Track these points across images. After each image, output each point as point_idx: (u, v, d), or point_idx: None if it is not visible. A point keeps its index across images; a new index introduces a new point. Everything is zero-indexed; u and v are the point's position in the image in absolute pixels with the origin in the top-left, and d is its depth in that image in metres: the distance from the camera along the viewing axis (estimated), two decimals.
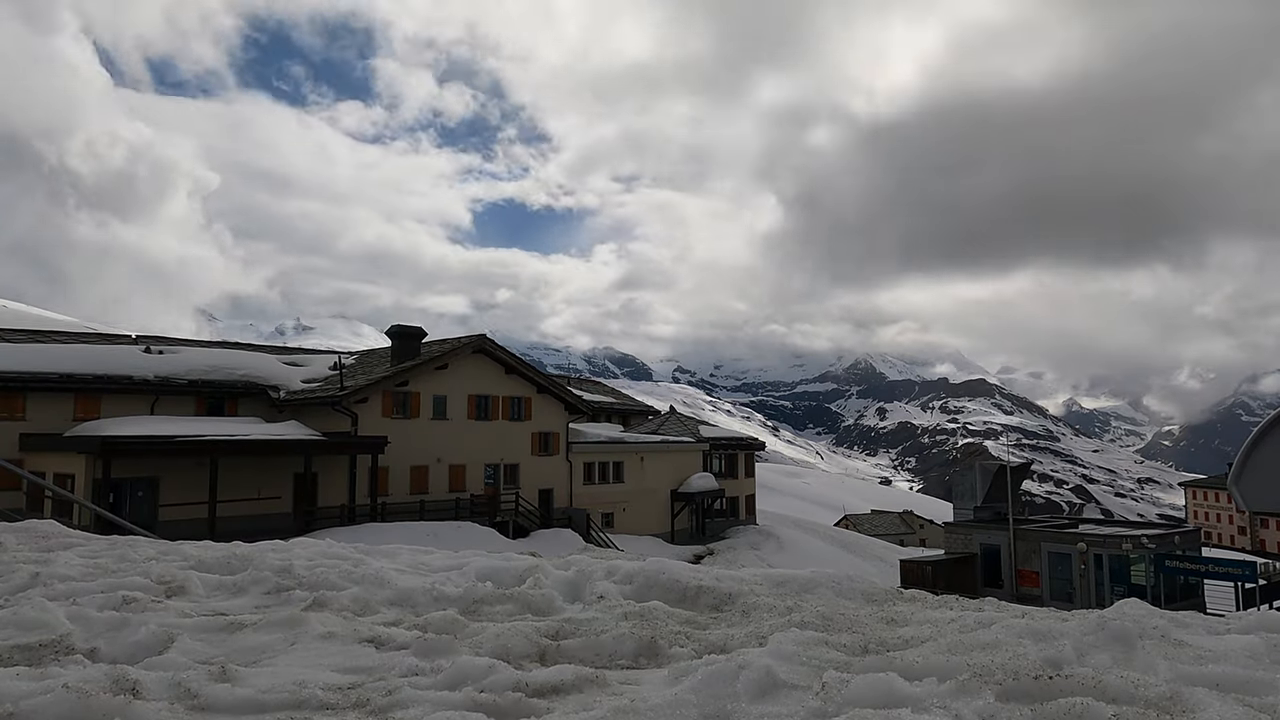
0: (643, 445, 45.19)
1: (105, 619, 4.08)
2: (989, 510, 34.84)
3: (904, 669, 3.09)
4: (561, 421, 40.98)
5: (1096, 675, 2.79)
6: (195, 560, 6.21)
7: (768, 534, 47.63)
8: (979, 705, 2.67)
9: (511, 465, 38.39)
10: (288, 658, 3.70)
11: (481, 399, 37.69)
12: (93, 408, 29.90)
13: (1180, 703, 2.62)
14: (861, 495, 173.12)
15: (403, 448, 33.68)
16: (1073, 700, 2.58)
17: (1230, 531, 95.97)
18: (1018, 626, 3.60)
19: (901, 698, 2.76)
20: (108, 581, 5.15)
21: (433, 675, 3.33)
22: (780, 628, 4.03)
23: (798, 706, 2.75)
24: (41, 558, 6.07)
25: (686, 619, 4.50)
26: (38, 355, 30.16)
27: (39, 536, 7.34)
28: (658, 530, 43.87)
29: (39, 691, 2.80)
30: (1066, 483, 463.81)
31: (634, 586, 5.30)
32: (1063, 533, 32.70)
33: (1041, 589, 31.26)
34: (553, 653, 3.80)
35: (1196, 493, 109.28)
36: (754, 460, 54.20)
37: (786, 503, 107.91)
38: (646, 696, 2.94)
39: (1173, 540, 31.21)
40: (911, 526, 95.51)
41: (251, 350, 40.80)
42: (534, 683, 3.17)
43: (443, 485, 35.50)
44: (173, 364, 32.77)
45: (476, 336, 39.02)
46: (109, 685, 2.92)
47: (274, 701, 2.98)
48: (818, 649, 3.51)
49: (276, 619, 4.20)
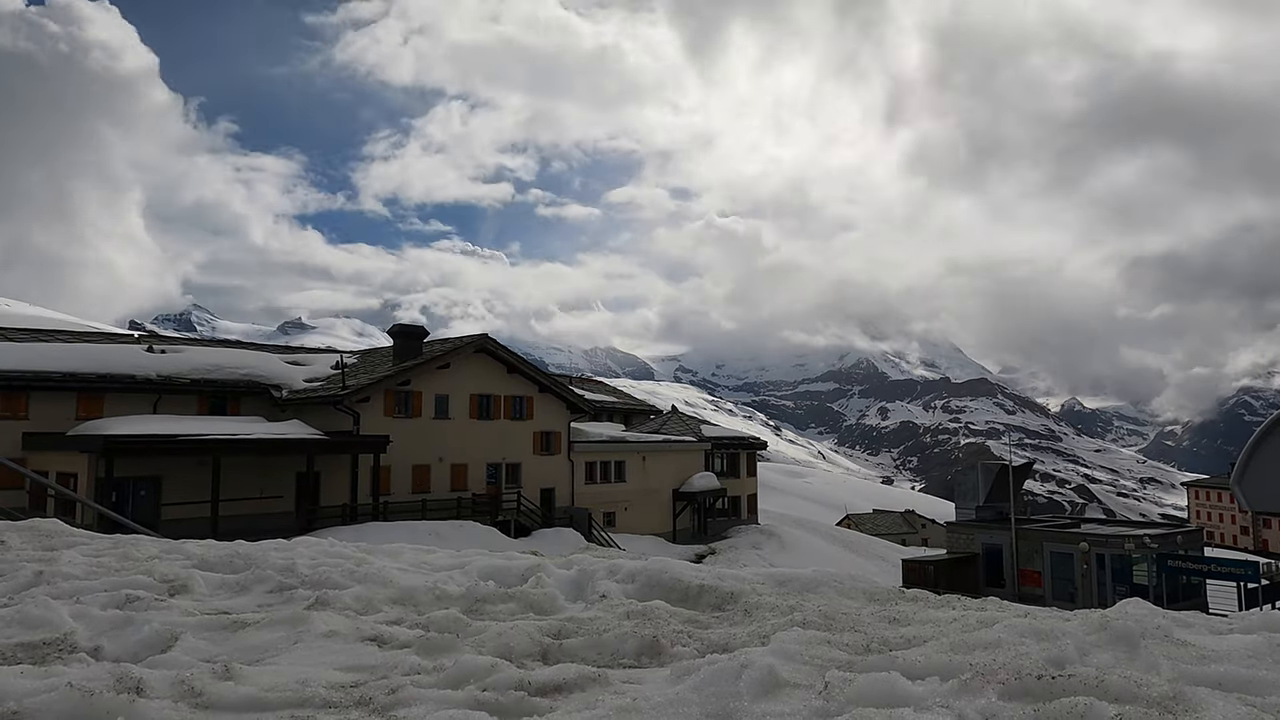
0: (644, 445, 45.18)
1: (109, 617, 4.09)
2: (991, 510, 34.82)
3: (906, 668, 3.09)
4: (563, 421, 40.98)
5: (1099, 675, 2.79)
6: (198, 559, 6.23)
7: (769, 533, 47.63)
8: (981, 704, 2.67)
9: (513, 464, 38.40)
10: (291, 656, 3.70)
11: (483, 398, 37.70)
12: (95, 407, 29.92)
13: (1183, 702, 2.62)
14: (863, 495, 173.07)
15: (405, 447, 33.69)
16: (1075, 700, 2.58)
17: (1233, 531, 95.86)
18: (1020, 626, 3.60)
19: (904, 697, 2.76)
20: (111, 580, 5.16)
21: (435, 674, 3.34)
22: (783, 627, 4.04)
23: (800, 705, 2.75)
24: (45, 556, 6.09)
25: (689, 618, 4.51)
26: (40, 354, 30.22)
27: (42, 535, 7.36)
28: (659, 530, 43.86)
29: (43, 690, 2.81)
30: (1069, 482, 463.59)
31: (636, 586, 5.30)
32: (1065, 532, 32.67)
33: (1044, 589, 31.24)
34: (555, 652, 3.81)
35: (1199, 493, 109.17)
36: (756, 460, 54.21)
37: (788, 502, 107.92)
38: (649, 695, 2.95)
39: (1175, 540, 31.18)
40: (913, 526, 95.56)
41: (254, 349, 40.88)
42: (536, 681, 3.17)
43: (445, 484, 35.51)
44: (175, 363, 32.82)
45: (478, 336, 39.05)
46: (113, 683, 2.93)
47: (277, 700, 2.99)
48: (820, 648, 3.51)
49: (279, 618, 4.21)
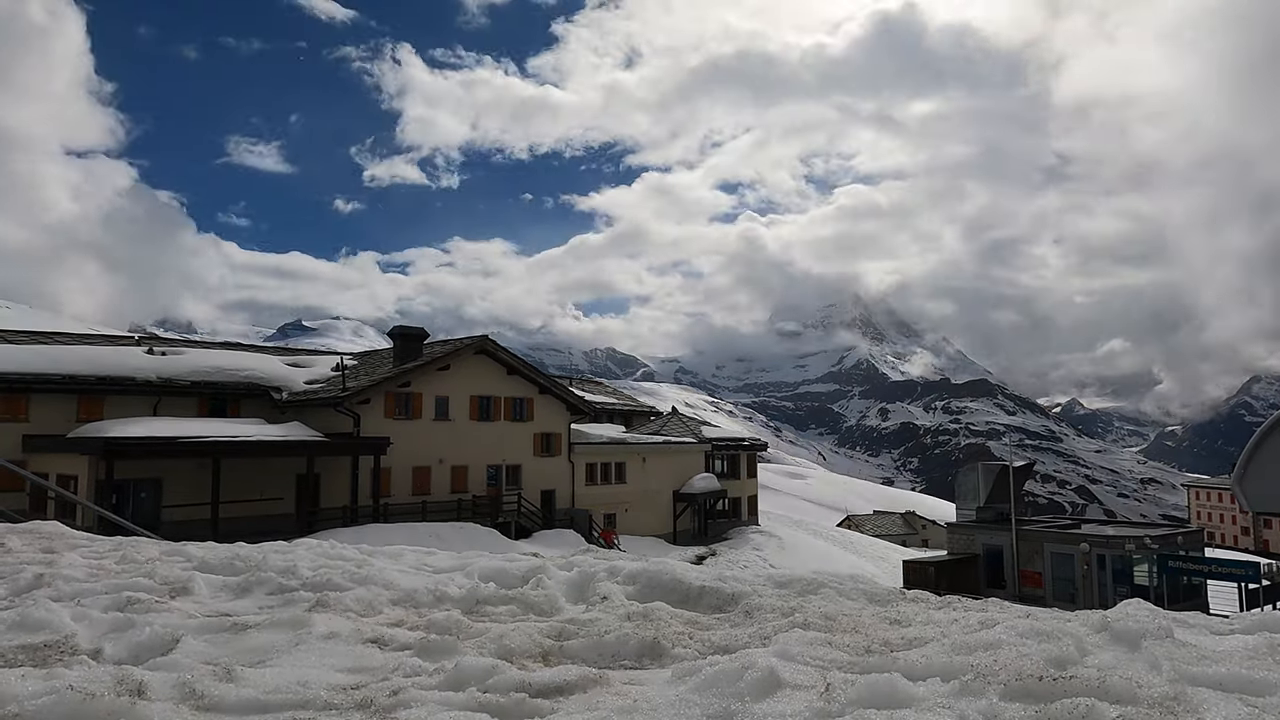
0: (645, 446, 45.17)
1: (110, 620, 4.09)
2: (991, 511, 34.79)
3: (907, 669, 3.09)
4: (563, 422, 40.98)
5: (1100, 675, 2.79)
6: (199, 561, 6.23)
7: (770, 535, 47.62)
8: (983, 705, 2.68)
9: (514, 466, 38.39)
10: (292, 658, 3.70)
11: (484, 400, 37.69)
12: (96, 409, 29.92)
13: (1184, 703, 2.62)
14: (864, 496, 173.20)
15: (405, 449, 33.69)
16: (1076, 700, 2.58)
17: (1234, 532, 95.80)
18: (1021, 627, 3.60)
19: (905, 698, 2.77)
20: (112, 583, 5.17)
21: (436, 676, 3.34)
22: (783, 628, 4.04)
23: (802, 706, 2.75)
24: (45, 559, 6.10)
25: (689, 619, 4.51)
26: (40, 356, 30.21)
27: (43, 538, 7.37)
28: (660, 531, 43.85)
29: (44, 692, 2.81)
30: (1069, 483, 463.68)
31: (637, 587, 5.30)
32: (1065, 533, 32.63)
33: (1044, 589, 31.21)
34: (556, 653, 3.81)
35: (1199, 493, 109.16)
36: (756, 461, 54.20)
37: (789, 503, 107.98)
38: (650, 697, 2.95)
39: (1176, 541, 31.13)
40: (914, 527, 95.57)
41: (254, 351, 40.92)
42: (537, 683, 3.17)
43: (445, 486, 35.50)
44: (175, 365, 32.83)
45: (478, 337, 39.03)
46: (114, 686, 2.93)
47: (278, 702, 2.99)
48: (821, 649, 3.51)
49: (280, 620, 4.21)
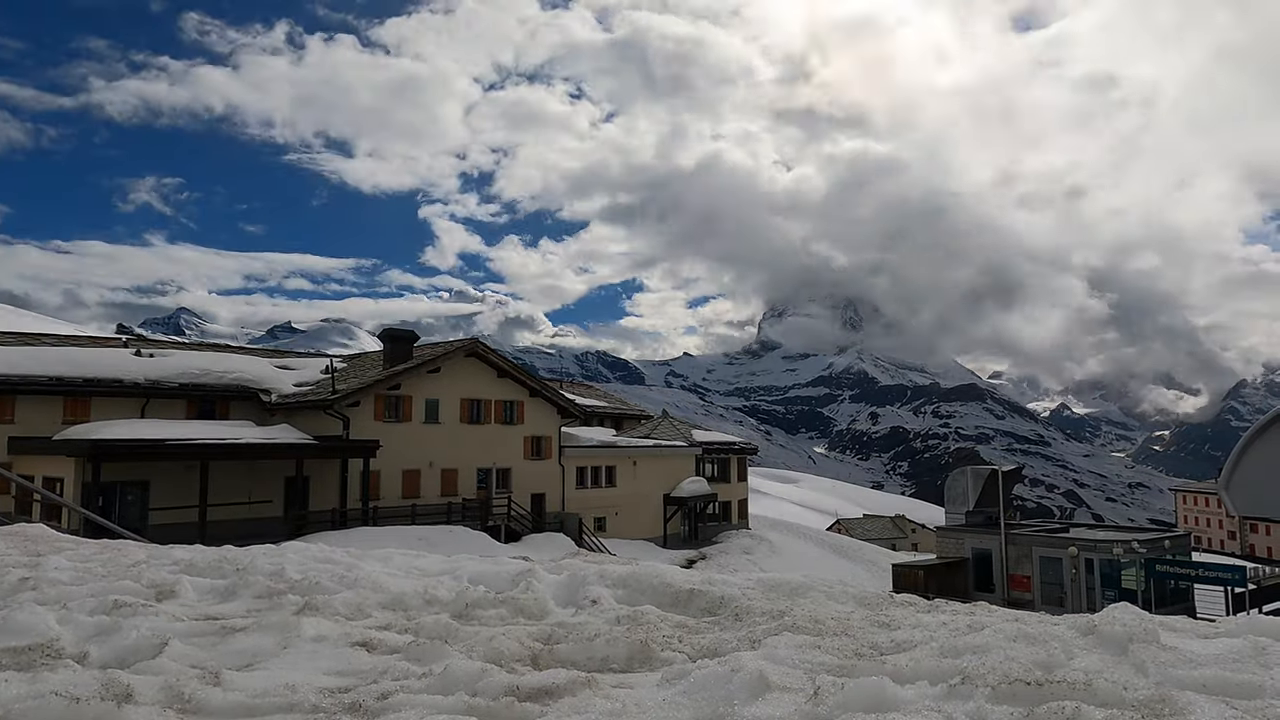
0: (635, 449, 45.16)
1: (95, 623, 4.07)
2: (980, 515, 34.95)
3: (896, 672, 3.10)
4: (554, 425, 40.92)
5: (1087, 678, 2.81)
6: (186, 564, 6.19)
7: (760, 538, 47.66)
8: (970, 708, 2.69)
9: (504, 469, 38.30)
10: (280, 662, 3.69)
11: (474, 403, 37.61)
12: (82, 411, 29.72)
13: (1169, 705, 2.64)
14: (854, 500, 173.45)
15: (394, 451, 33.57)
16: (1063, 703, 2.60)
17: (1220, 536, 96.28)
18: (1009, 630, 3.61)
19: (893, 701, 2.78)
20: (98, 585, 5.13)
21: (425, 679, 3.33)
22: (773, 632, 4.04)
23: (791, 710, 2.75)
24: (31, 562, 6.05)
25: (679, 623, 4.51)
26: (27, 358, 29.99)
27: (28, 540, 7.31)
28: (650, 534, 43.81)
29: (29, 696, 2.79)
30: (1058, 487, 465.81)
31: (626, 590, 5.30)
32: (1054, 537, 32.80)
33: (1033, 593, 31.35)
34: (545, 656, 3.80)
35: (1186, 497, 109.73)
36: (746, 464, 54.27)
37: (779, 507, 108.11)
38: (639, 700, 2.95)
39: (1163, 545, 31.34)
40: (903, 531, 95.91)
41: (243, 353, 40.75)
42: (526, 686, 3.16)
43: (434, 489, 35.39)
44: (163, 367, 32.63)
45: (469, 340, 38.95)
46: (100, 690, 2.90)
47: (266, 705, 2.98)
48: (810, 653, 3.52)
49: (268, 623, 4.19)
